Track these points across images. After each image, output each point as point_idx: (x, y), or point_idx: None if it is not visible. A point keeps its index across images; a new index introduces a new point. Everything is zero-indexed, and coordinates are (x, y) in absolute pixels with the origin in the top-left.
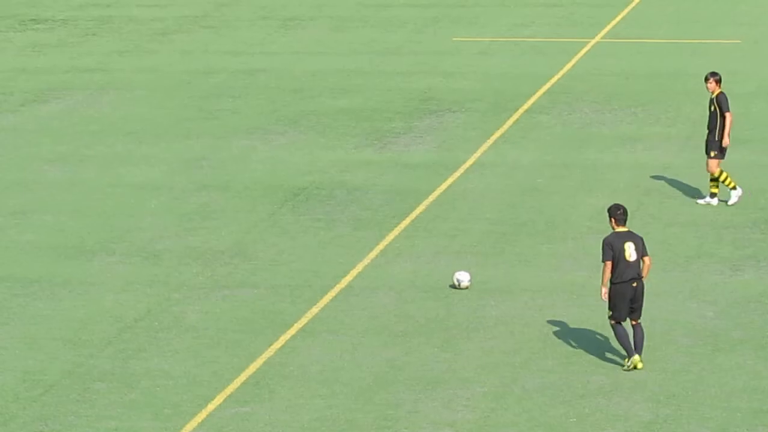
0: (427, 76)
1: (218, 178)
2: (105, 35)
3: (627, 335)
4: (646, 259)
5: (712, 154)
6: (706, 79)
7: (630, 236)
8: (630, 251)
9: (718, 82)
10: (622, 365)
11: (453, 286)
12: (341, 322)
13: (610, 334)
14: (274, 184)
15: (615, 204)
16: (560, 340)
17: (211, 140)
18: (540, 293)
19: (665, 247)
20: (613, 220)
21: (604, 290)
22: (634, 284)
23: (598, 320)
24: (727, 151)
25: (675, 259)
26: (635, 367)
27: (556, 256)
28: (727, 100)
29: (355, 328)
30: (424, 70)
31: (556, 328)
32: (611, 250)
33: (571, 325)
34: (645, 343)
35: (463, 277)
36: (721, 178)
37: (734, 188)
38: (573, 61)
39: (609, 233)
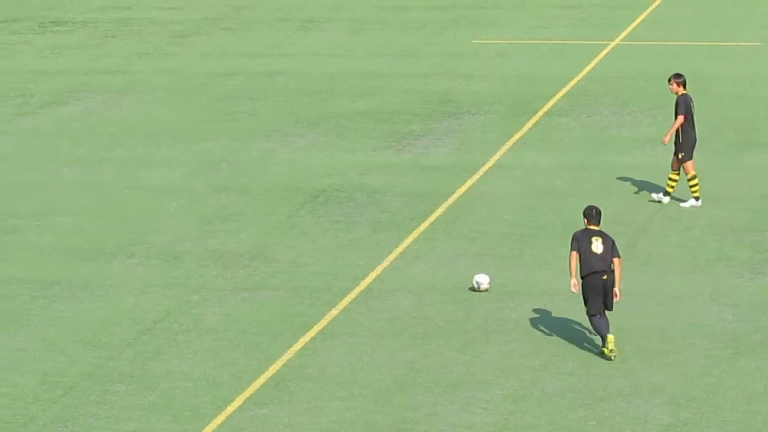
0: (446, 78)
1: (237, 181)
2: (124, 37)
3: (606, 325)
4: (615, 260)
5: (680, 155)
6: (669, 81)
7: (599, 233)
8: (596, 244)
9: (681, 84)
10: (603, 353)
11: (472, 289)
12: (360, 325)
13: (630, 337)
14: (293, 186)
15: (589, 206)
16: (580, 343)
17: (230, 142)
18: (559, 296)
19: (685, 250)
20: (585, 220)
21: (573, 281)
22: (604, 277)
23: (618, 324)
24: (693, 153)
25: (695, 262)
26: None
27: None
28: (685, 103)
29: (374, 331)
30: (443, 72)
31: (576, 331)
32: (577, 242)
33: (589, 328)
34: (658, 345)
35: (483, 280)
36: (691, 182)
37: (697, 198)
38: (592, 64)
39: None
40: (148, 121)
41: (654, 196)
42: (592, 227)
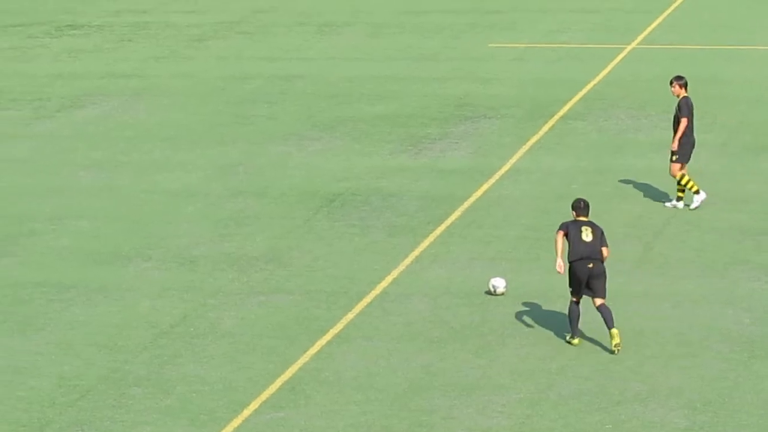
0: (463, 82)
1: (254, 184)
2: (141, 41)
3: (578, 317)
4: (604, 249)
5: (674, 158)
6: (671, 83)
7: (589, 224)
8: (586, 233)
9: (683, 86)
10: (568, 341)
11: (488, 292)
12: (376, 328)
13: (646, 341)
14: (309, 190)
15: (577, 198)
16: (596, 347)
17: (247, 146)
18: None
19: (702, 253)
20: (574, 213)
21: (559, 262)
22: (590, 265)
23: (635, 326)
24: (692, 154)
25: (712, 265)
26: (614, 343)
27: None
28: (687, 105)
29: (390, 334)
30: (460, 76)
31: (592, 335)
32: (566, 227)
33: (606, 332)
34: (675, 348)
35: (499, 283)
36: (683, 182)
37: (697, 192)
38: (609, 68)
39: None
40: (164, 124)
41: (668, 204)
42: (582, 218)
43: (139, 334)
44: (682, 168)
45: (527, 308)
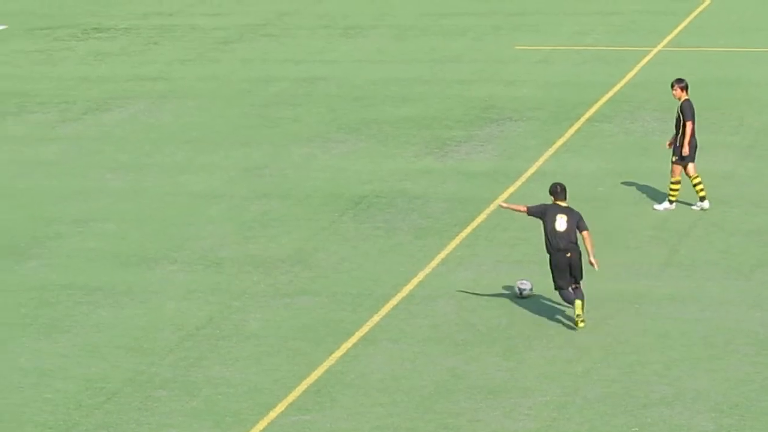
0: (488, 84)
1: (279, 186)
2: (166, 44)
3: (579, 294)
4: (585, 233)
5: (674, 159)
6: (672, 86)
7: (566, 210)
8: (560, 221)
9: (684, 89)
10: (575, 324)
11: (515, 295)
12: (402, 331)
13: (673, 343)
14: (334, 192)
15: (554, 182)
16: (622, 350)
17: (272, 148)
18: (601, 302)
19: (728, 256)
20: (552, 197)
21: (505, 204)
22: (569, 254)
23: (660, 329)
24: (695, 156)
25: (738, 268)
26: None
27: (617, 265)
28: (691, 108)
29: (416, 337)
30: (485, 79)
31: (618, 338)
32: (542, 209)
33: (633, 335)
34: (701, 351)
35: (525, 286)
36: (674, 185)
37: (672, 201)
38: (635, 70)
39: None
40: (189, 127)
41: (694, 207)
42: (560, 203)
43: (164, 336)
44: (685, 169)
45: (553, 311)
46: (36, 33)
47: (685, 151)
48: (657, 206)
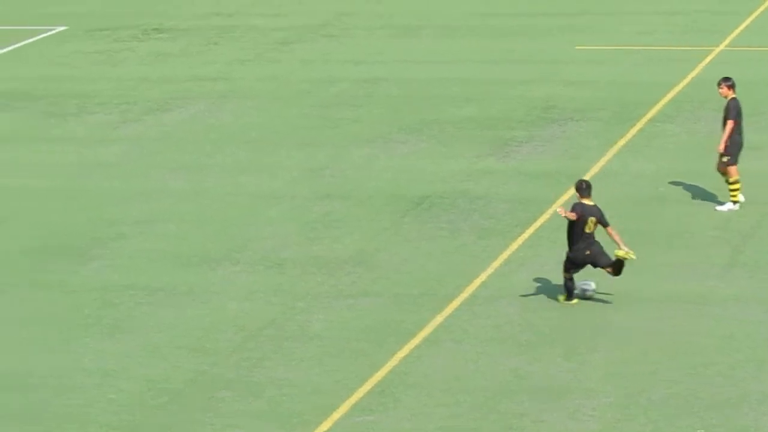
0: (549, 84)
1: (340, 187)
2: (227, 44)
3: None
4: (608, 229)
5: (724, 159)
6: (719, 84)
7: (594, 210)
8: (591, 225)
9: (731, 87)
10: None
11: (578, 295)
12: (465, 331)
13: (738, 345)
14: (396, 193)
15: (580, 179)
16: (685, 351)
17: (333, 149)
18: (664, 303)
19: None
20: (578, 194)
21: (560, 209)
22: (588, 252)
23: (725, 331)
24: (738, 157)
25: None
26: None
27: (679, 265)
28: (735, 107)
29: (478, 337)
30: (546, 79)
31: (681, 339)
32: (581, 211)
33: (696, 336)
34: (767, 353)
35: (588, 286)
36: (730, 181)
37: (735, 202)
38: (697, 70)
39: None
40: (250, 127)
41: (723, 208)
42: (586, 201)
43: (227, 337)
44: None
45: (616, 311)
46: (96, 34)
47: (721, 148)
48: (719, 207)
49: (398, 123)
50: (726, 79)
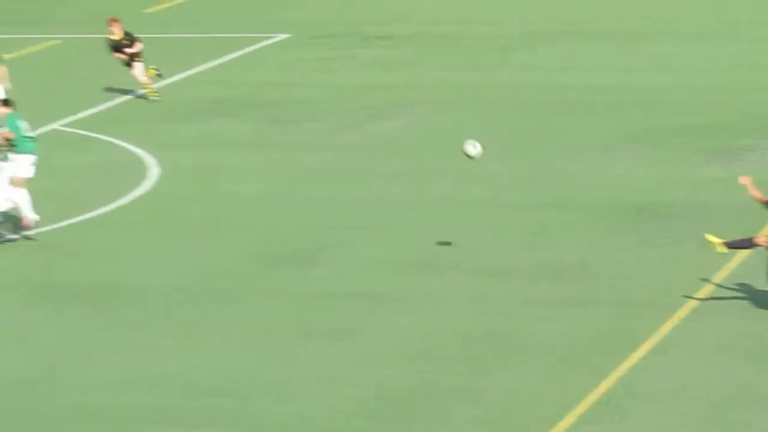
0: None
1: (561, 195)
2: (447, 51)
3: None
4: None
5: None
6: None
7: None
8: None
9: None
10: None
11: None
12: (692, 341)
13: None
14: (619, 200)
15: None
16: None
17: (553, 157)
18: None
19: None
20: None
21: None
22: None
23: None
24: None
25: None
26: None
27: None
28: None
29: (705, 347)
30: None
31: None
32: None
33: None
34: None
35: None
36: None
37: None
38: None
39: None
40: (470, 135)
41: None
42: None
43: (450, 344)
44: None
45: None
46: (317, 41)
47: None
48: None
49: (620, 131)
50: None
